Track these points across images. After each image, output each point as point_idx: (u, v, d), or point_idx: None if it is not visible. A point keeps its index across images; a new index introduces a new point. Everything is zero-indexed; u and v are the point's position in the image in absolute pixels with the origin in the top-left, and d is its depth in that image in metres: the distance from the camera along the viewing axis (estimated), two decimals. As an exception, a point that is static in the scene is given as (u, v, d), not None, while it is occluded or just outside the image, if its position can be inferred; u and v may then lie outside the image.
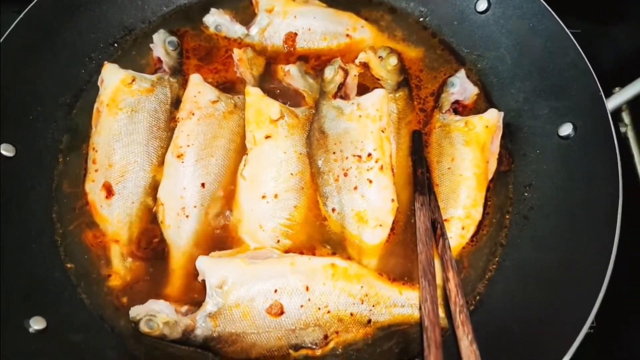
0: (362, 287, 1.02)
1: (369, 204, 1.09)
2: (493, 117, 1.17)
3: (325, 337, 1.00)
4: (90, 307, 1.05)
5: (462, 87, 1.24)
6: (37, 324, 0.95)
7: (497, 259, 1.12)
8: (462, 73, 1.26)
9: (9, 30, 1.13)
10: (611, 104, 1.09)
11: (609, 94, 1.32)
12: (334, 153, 1.13)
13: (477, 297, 1.08)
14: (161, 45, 1.25)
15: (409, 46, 1.36)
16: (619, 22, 1.62)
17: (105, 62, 1.21)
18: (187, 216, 1.09)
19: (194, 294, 1.05)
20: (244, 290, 0.98)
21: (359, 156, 1.11)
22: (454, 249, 1.09)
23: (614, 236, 0.94)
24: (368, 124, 1.13)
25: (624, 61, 1.58)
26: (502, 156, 1.20)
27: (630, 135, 1.42)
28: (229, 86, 1.27)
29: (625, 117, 1.43)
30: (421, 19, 1.39)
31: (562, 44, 1.14)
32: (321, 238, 1.11)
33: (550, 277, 1.02)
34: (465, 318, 0.89)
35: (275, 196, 1.10)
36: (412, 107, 1.26)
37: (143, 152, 1.14)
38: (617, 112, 1.41)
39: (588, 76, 1.09)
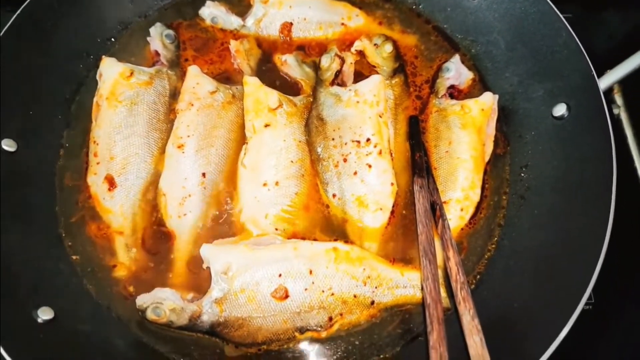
0: (364, 269, 1.04)
1: (369, 188, 1.11)
2: (488, 100, 1.19)
3: (330, 319, 1.02)
4: (97, 297, 1.07)
5: (457, 72, 1.26)
6: (45, 314, 0.96)
7: (495, 238, 1.14)
8: (456, 58, 1.27)
9: (5, 27, 1.13)
10: (603, 83, 1.11)
11: (601, 75, 1.34)
12: (333, 139, 1.15)
13: (477, 277, 1.11)
14: (158, 38, 1.26)
15: (403, 33, 1.37)
16: (610, 6, 1.64)
17: (104, 56, 1.22)
18: (188, 206, 1.10)
19: (199, 282, 1.06)
20: (248, 275, 0.99)
21: (358, 141, 1.13)
22: (453, 231, 1.09)
23: (609, 212, 0.96)
24: (366, 110, 1.15)
25: (614, 44, 1.60)
26: (498, 139, 1.22)
27: (623, 116, 1.44)
28: (226, 77, 1.28)
29: (618, 99, 1.45)
30: (414, 6, 1.40)
31: (554, 25, 1.16)
32: (323, 224, 1.13)
33: (548, 254, 1.04)
34: (466, 294, 0.90)
35: (276, 183, 1.12)
36: (408, 93, 1.28)
37: (143, 143, 1.15)
38: (609, 94, 1.44)
39: (580, 57, 1.10)
